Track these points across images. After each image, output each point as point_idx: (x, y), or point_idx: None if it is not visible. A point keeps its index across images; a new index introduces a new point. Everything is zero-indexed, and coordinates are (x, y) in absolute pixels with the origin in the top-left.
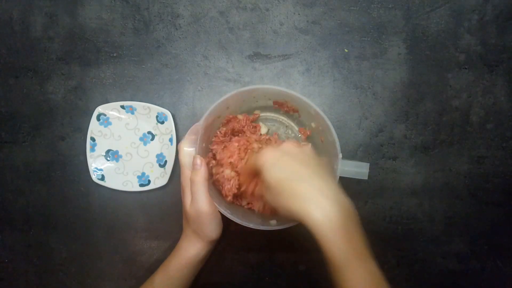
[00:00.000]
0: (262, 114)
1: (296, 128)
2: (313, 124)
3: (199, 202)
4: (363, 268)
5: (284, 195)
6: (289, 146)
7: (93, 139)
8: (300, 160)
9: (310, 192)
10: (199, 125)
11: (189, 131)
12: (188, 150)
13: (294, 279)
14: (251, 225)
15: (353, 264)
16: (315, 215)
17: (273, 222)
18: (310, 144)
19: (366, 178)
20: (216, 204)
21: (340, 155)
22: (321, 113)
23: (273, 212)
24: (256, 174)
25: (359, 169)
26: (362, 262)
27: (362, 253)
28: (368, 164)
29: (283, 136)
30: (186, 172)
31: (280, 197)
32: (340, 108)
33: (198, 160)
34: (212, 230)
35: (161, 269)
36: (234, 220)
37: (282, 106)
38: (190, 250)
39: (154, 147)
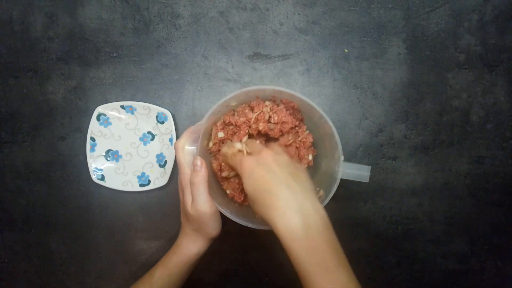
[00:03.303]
0: None
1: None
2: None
3: (200, 203)
4: (328, 278)
5: (257, 204)
6: (265, 156)
7: (93, 139)
8: (272, 171)
9: (276, 203)
10: (201, 124)
11: (188, 129)
12: (189, 148)
13: (294, 279)
14: (250, 225)
15: (316, 275)
16: (279, 225)
17: None
18: (285, 154)
19: (367, 181)
20: (216, 204)
21: (342, 158)
22: (324, 115)
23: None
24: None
25: (360, 172)
26: (327, 272)
27: (328, 263)
28: (370, 167)
29: None
30: (186, 171)
31: (255, 205)
32: (340, 108)
33: (199, 161)
34: (213, 228)
35: (160, 265)
36: (234, 220)
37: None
38: (191, 248)
39: (154, 147)
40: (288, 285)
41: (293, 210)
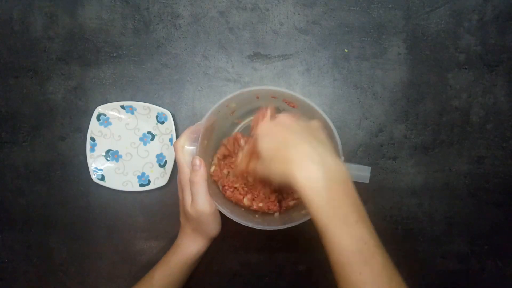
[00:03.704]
0: None
1: None
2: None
3: (200, 202)
4: (346, 232)
5: (275, 161)
6: (283, 117)
7: (93, 139)
8: (291, 129)
9: (297, 157)
10: (201, 124)
11: (188, 129)
12: (189, 148)
13: (294, 279)
14: (250, 225)
15: (335, 227)
16: (300, 178)
17: (276, 215)
18: (304, 118)
19: (367, 181)
20: (216, 204)
21: (342, 158)
22: (325, 115)
23: (263, 184)
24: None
25: (361, 173)
26: (348, 225)
27: (347, 217)
28: (370, 167)
29: None
30: (185, 171)
31: (272, 163)
32: (340, 108)
33: (197, 161)
34: (213, 228)
35: (160, 265)
36: (234, 220)
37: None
38: (191, 247)
39: (154, 147)
40: (288, 285)
41: (315, 162)
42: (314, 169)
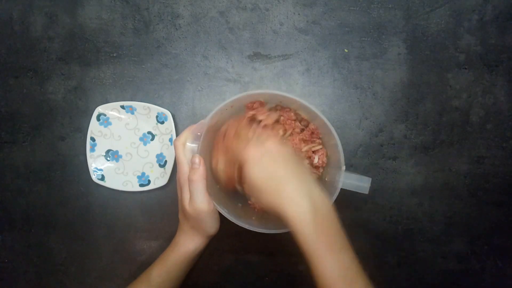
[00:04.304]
0: None
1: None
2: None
3: (198, 201)
4: (333, 258)
5: (265, 193)
6: (270, 144)
7: (93, 139)
8: (280, 160)
9: (286, 190)
10: (204, 123)
11: (190, 127)
12: (190, 145)
13: (294, 279)
14: (246, 226)
15: (322, 255)
16: (289, 210)
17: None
18: (289, 144)
19: (366, 192)
20: (214, 203)
21: (343, 168)
22: (329, 124)
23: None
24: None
25: (360, 183)
26: (333, 253)
27: (334, 245)
28: (370, 179)
29: None
30: (184, 168)
31: (261, 194)
32: (340, 108)
33: (197, 159)
34: (211, 226)
35: (158, 263)
36: (231, 220)
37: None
38: (189, 245)
39: (154, 147)
40: (288, 285)
41: (303, 196)
42: (303, 204)
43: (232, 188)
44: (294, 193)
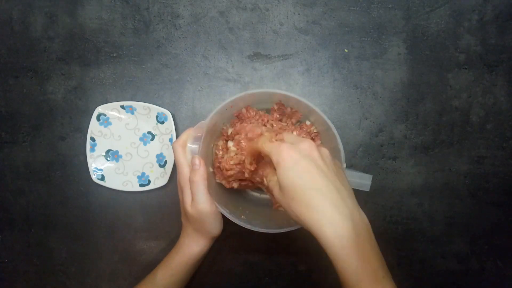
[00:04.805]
0: None
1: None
2: (312, 126)
3: (200, 202)
4: None
5: (298, 201)
6: (307, 147)
7: (93, 139)
8: (318, 167)
9: (324, 206)
10: (204, 123)
11: (188, 129)
12: (191, 146)
13: (294, 279)
14: (248, 227)
15: (365, 285)
16: (328, 232)
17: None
18: (326, 149)
19: (368, 190)
20: (216, 203)
21: (344, 165)
22: (329, 122)
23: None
24: (260, 157)
25: (362, 181)
26: (375, 282)
27: (377, 273)
28: (371, 176)
29: None
30: (184, 171)
31: (292, 202)
32: (340, 108)
33: (197, 160)
34: (214, 227)
35: (163, 265)
36: (232, 220)
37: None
38: (193, 247)
39: (154, 147)
40: (288, 285)
41: (344, 215)
42: (343, 225)
43: (231, 187)
44: (334, 211)
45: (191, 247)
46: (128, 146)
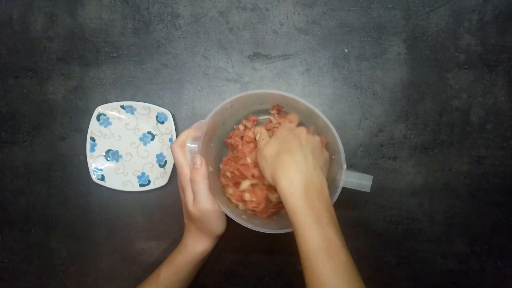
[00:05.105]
0: (263, 117)
1: None
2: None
3: (202, 201)
4: (318, 231)
5: (270, 164)
6: (300, 131)
7: (93, 139)
8: (299, 141)
9: (287, 163)
10: (204, 122)
11: (187, 129)
12: (191, 146)
13: (294, 279)
14: (250, 226)
15: (308, 227)
16: (283, 182)
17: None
18: (305, 128)
19: (368, 190)
20: (218, 202)
21: (345, 166)
22: (329, 123)
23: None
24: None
25: (362, 181)
26: (318, 226)
27: (321, 219)
28: (372, 177)
29: None
30: (185, 171)
31: (267, 166)
32: (340, 108)
33: (198, 159)
34: (217, 226)
35: (166, 265)
36: (233, 219)
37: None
38: (197, 246)
39: (154, 147)
40: (288, 285)
41: (300, 173)
42: (297, 177)
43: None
44: (292, 166)
45: (195, 246)
46: (128, 146)
